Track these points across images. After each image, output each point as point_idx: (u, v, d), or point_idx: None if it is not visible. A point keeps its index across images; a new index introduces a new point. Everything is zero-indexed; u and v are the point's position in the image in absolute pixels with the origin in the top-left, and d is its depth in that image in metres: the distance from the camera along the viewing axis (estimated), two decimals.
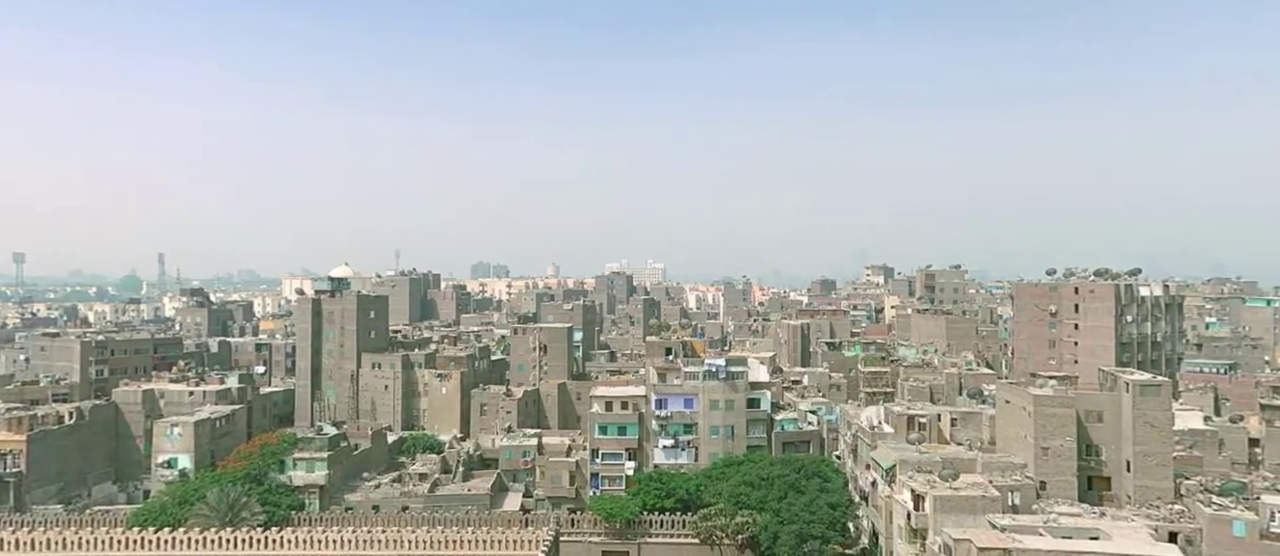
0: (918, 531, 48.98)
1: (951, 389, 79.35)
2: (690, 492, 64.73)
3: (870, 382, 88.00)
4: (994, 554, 39.83)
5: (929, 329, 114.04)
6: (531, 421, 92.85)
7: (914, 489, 50.12)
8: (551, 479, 74.07)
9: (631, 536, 63.56)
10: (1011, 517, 45.88)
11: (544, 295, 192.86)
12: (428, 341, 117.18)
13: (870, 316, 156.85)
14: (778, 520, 58.29)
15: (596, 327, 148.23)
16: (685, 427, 73.85)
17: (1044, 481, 55.41)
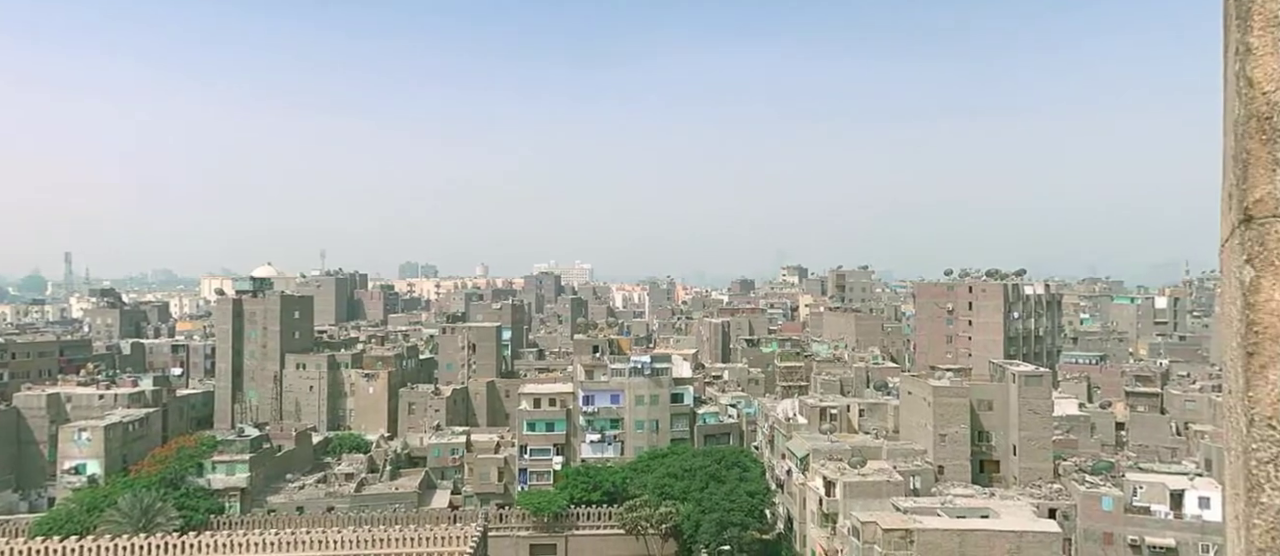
0: (829, 515, 51.01)
1: (860, 382, 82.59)
2: (616, 485, 65.37)
3: (786, 377, 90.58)
4: (897, 534, 41.98)
5: (840, 326, 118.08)
6: (460, 419, 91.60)
7: (826, 476, 52.17)
8: (480, 475, 73.36)
9: (559, 529, 63.68)
10: (913, 500, 48.41)
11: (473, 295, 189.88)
12: (355, 341, 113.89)
13: (786, 314, 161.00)
14: (700, 509, 59.53)
15: (525, 326, 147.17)
16: (612, 422, 74.40)
17: (942, 466, 58.58)
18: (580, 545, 63.42)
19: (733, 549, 58.13)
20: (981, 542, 40.97)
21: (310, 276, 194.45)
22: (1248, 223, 1.06)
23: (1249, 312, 1.06)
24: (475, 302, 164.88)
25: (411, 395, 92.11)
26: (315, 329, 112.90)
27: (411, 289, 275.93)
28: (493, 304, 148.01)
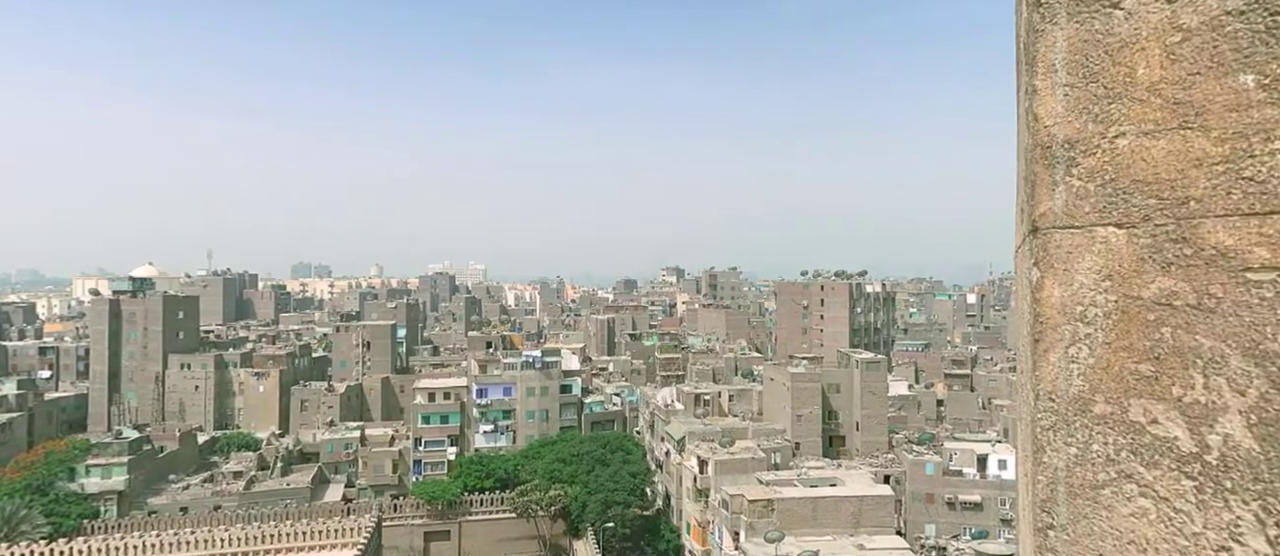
0: (702, 491, 52.59)
1: (730, 370, 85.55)
2: (509, 472, 64.40)
3: (665, 367, 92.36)
4: (761, 504, 43.90)
5: (712, 321, 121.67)
6: (355, 415, 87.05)
7: (699, 455, 53.75)
8: (374, 468, 70.10)
9: (453, 516, 61.94)
10: (774, 474, 50.75)
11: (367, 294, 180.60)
12: (244, 341, 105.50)
13: (665, 311, 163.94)
14: (586, 490, 59.73)
15: (420, 325, 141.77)
16: (504, 413, 73.23)
17: (798, 442, 61.83)
18: (473, 529, 61.96)
19: (616, 525, 58.76)
20: (830, 507, 43.65)
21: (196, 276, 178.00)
22: (1035, 233, 1.18)
23: (1036, 306, 1.17)
24: (370, 302, 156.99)
25: (304, 392, 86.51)
26: (202, 329, 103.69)
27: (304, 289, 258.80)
28: (388, 303, 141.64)
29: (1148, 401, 1.04)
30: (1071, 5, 1.16)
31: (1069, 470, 1.17)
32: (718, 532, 47.69)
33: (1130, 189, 1.07)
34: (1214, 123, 0.97)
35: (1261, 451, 0.90)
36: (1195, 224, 0.99)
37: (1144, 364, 1.05)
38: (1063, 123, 1.18)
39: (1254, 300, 0.93)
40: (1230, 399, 0.94)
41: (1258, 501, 0.90)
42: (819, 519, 42.85)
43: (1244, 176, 0.93)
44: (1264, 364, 0.91)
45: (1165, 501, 1.02)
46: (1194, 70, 0.99)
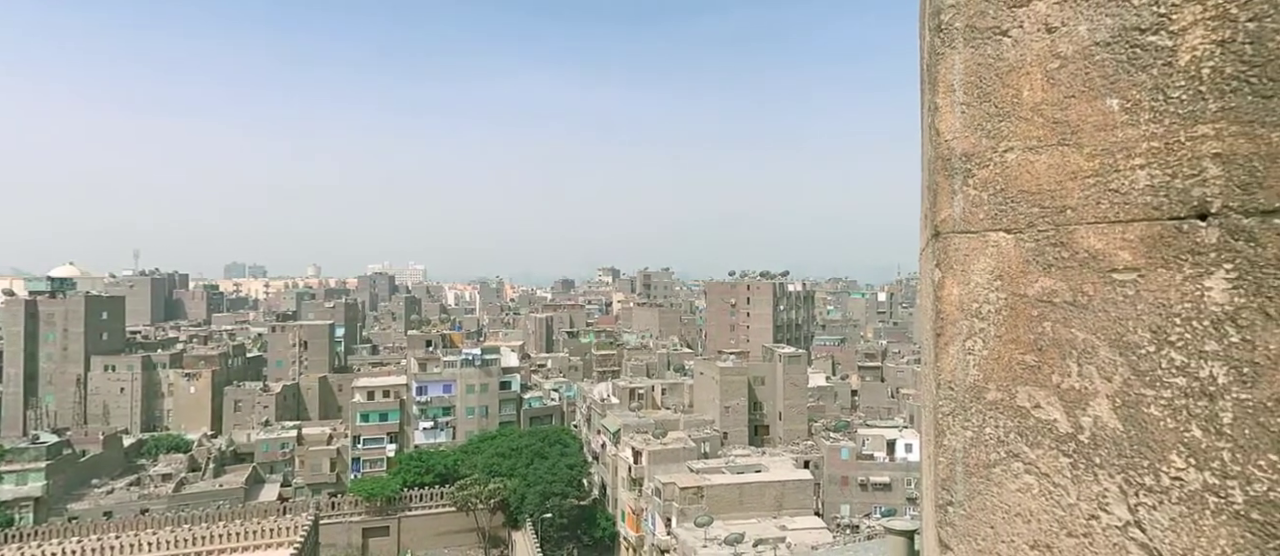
0: (636, 480, 52.80)
1: (663, 365, 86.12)
2: (448, 467, 62.91)
3: (601, 363, 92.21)
4: (691, 491, 44.43)
5: (646, 319, 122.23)
6: (291, 415, 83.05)
7: (634, 446, 53.94)
8: (311, 467, 67.11)
9: (392, 512, 59.98)
10: (704, 462, 51.43)
11: (305, 294, 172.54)
12: (173, 341, 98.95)
13: (602, 309, 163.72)
14: (525, 483, 59.03)
15: (359, 324, 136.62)
16: (444, 410, 71.48)
17: (726, 432, 62.92)
18: (413, 524, 60.17)
19: (554, 515, 58.30)
20: (755, 492, 44.60)
21: (122, 276, 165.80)
22: (937, 237, 1.24)
23: (937, 304, 1.23)
24: (307, 302, 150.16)
25: (238, 393, 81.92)
26: (128, 330, 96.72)
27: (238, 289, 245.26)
28: (326, 303, 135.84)
29: (1032, 388, 1.11)
30: (967, 32, 1.22)
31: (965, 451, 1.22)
32: (651, 519, 47.99)
33: (1017, 198, 1.14)
34: (1086, 140, 1.04)
35: (1124, 431, 0.97)
36: (1071, 230, 1.05)
37: (1029, 355, 1.12)
38: (960, 138, 1.23)
39: (1119, 298, 0.99)
40: (1099, 385, 1.00)
41: (1121, 474, 0.97)
42: (745, 503, 43.72)
43: (1110, 188, 1.00)
44: (1127, 353, 0.97)
45: (1046, 477, 1.08)
46: (1070, 93, 1.06)
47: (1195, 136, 0.92)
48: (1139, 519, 0.97)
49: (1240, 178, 0.88)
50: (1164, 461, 0.94)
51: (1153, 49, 0.96)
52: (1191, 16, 0.92)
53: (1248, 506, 0.86)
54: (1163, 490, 0.94)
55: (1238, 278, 0.88)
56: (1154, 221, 0.96)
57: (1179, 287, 0.94)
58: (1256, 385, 0.86)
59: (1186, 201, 0.93)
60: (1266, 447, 0.85)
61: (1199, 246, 0.92)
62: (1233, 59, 0.89)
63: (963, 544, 1.23)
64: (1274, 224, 0.85)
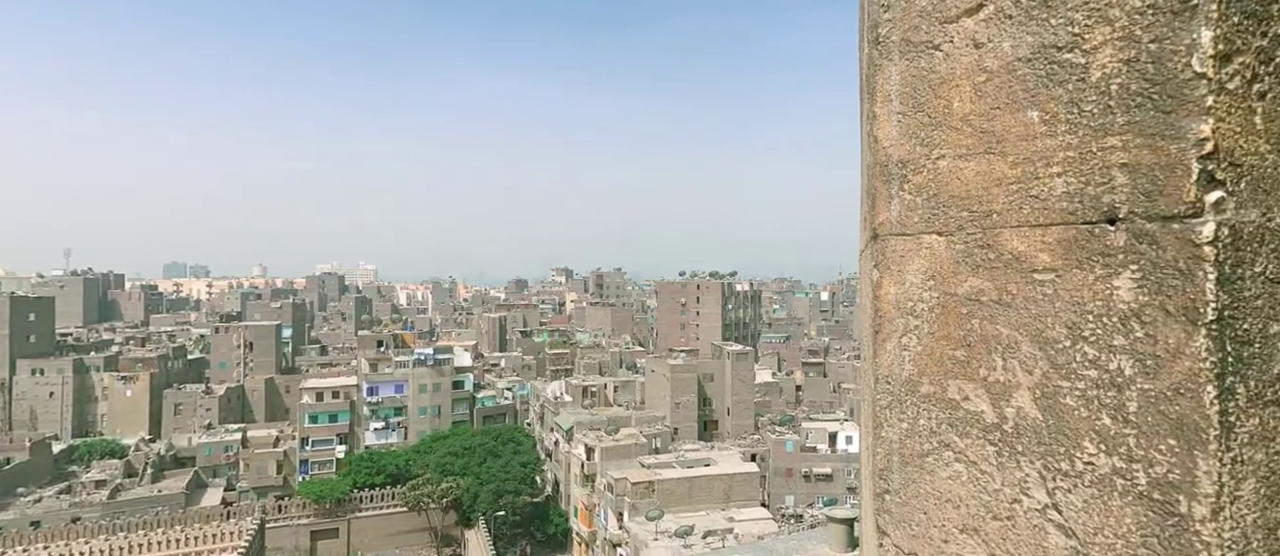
0: (589, 476, 52.63)
1: (615, 363, 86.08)
2: (400, 467, 61.35)
3: (555, 362, 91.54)
4: (642, 486, 44.54)
5: (599, 318, 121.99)
6: (236, 417, 79.43)
7: (586, 443, 53.74)
8: (257, 470, 64.39)
9: (342, 513, 58.11)
10: (655, 457, 51.61)
11: (250, 294, 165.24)
12: (108, 343, 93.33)
13: (555, 309, 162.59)
14: (478, 481, 58.13)
15: (307, 325, 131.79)
16: (396, 410, 69.68)
17: (677, 427, 63.35)
18: (363, 525, 58.42)
19: (507, 513, 57.58)
20: (705, 485, 45.04)
21: (51, 276, 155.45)
22: (875, 239, 1.28)
23: (876, 303, 1.28)
24: (253, 302, 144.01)
25: (178, 396, 77.83)
26: (58, 332, 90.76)
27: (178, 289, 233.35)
28: (272, 303, 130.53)
29: (961, 381, 1.15)
30: (903, 45, 1.26)
31: (901, 442, 1.25)
32: (603, 514, 47.92)
33: (948, 203, 1.18)
34: (1010, 150, 1.09)
35: (1044, 420, 1.02)
36: (996, 233, 1.10)
37: (958, 350, 1.16)
38: (897, 145, 1.27)
39: (1039, 296, 1.04)
40: (1021, 377, 1.05)
41: (1040, 460, 1.03)
42: (695, 496, 44.11)
43: (1031, 195, 1.05)
44: (1046, 348, 1.02)
45: (973, 464, 1.13)
46: (995, 105, 1.11)
47: (1105, 147, 0.98)
48: (1056, 502, 1.02)
49: (1144, 186, 0.94)
50: (1078, 448, 0.99)
51: (1068, 66, 1.02)
52: (1101, 37, 0.98)
53: (1150, 487, 0.92)
54: (1077, 474, 0.99)
55: (1142, 278, 0.94)
56: (1069, 225, 1.01)
57: (1091, 287, 0.99)
58: (1157, 376, 0.92)
59: (1098, 207, 0.98)
60: (1166, 433, 0.91)
61: (1108, 249, 0.97)
62: (1137, 77, 0.95)
63: (898, 529, 1.26)
64: (1173, 229, 0.91)
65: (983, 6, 1.14)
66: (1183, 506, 0.89)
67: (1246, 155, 0.91)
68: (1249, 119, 0.91)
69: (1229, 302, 0.89)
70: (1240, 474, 0.89)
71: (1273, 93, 0.92)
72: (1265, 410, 0.91)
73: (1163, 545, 0.90)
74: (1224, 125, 0.90)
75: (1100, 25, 0.98)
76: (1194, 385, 0.89)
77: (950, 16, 1.18)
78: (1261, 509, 0.89)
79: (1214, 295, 0.89)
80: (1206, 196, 0.90)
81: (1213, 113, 0.89)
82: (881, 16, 1.30)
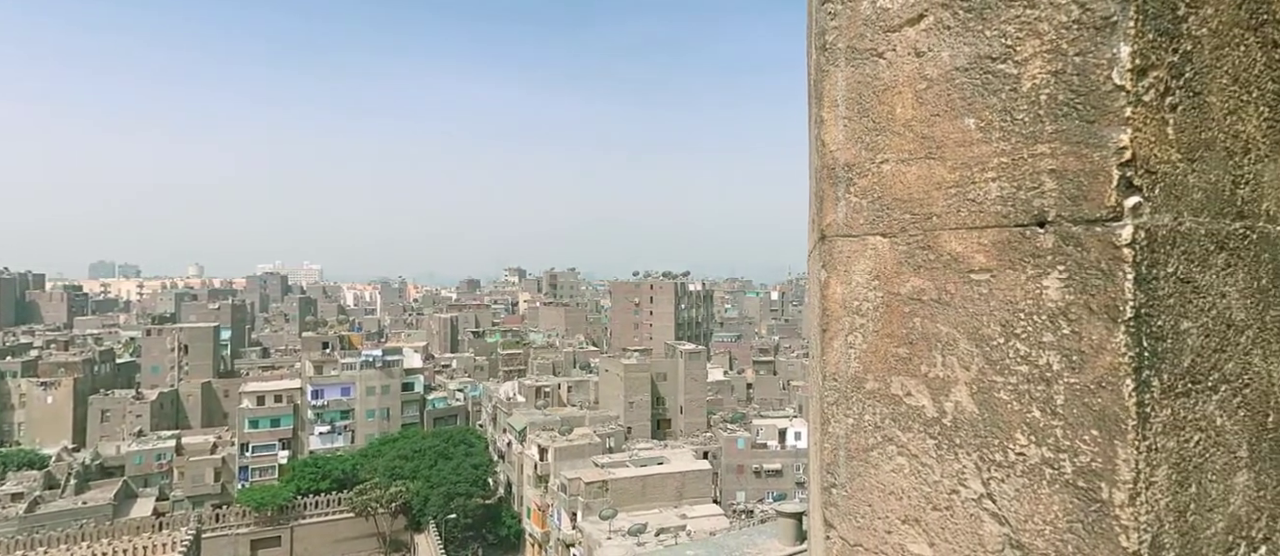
0: (542, 477, 52.19)
1: (569, 363, 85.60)
2: (347, 471, 59.48)
3: (507, 363, 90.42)
4: (596, 485, 44.45)
5: (552, 318, 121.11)
6: (170, 423, 75.44)
7: (540, 444, 53.28)
8: (193, 478, 61.35)
9: (284, 521, 55.95)
10: (608, 457, 51.59)
11: (185, 295, 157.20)
12: (26, 347, 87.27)
13: (508, 309, 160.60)
14: (428, 485, 56.92)
15: (248, 326, 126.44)
16: (342, 414, 67.53)
17: (630, 426, 63.47)
18: (307, 533, 56.37)
19: (459, 516, 56.56)
20: (658, 484, 45.28)
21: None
22: (823, 240, 1.31)
23: (823, 302, 1.31)
24: (188, 303, 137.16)
25: (105, 402, 73.40)
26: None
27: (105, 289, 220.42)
28: (210, 304, 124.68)
29: (904, 378, 1.18)
30: (848, 52, 1.29)
31: (847, 437, 1.28)
32: (557, 514, 47.60)
33: (892, 205, 1.21)
34: (948, 155, 1.13)
35: (979, 413, 1.07)
36: (936, 235, 1.14)
37: (901, 347, 1.19)
38: (843, 149, 1.30)
39: (975, 295, 1.09)
40: (959, 373, 1.10)
41: (976, 452, 1.07)
42: (648, 494, 44.29)
43: (968, 198, 1.10)
44: (982, 345, 1.07)
45: (915, 457, 1.16)
46: (935, 112, 1.15)
47: (1035, 154, 1.04)
48: (990, 491, 1.07)
49: (1070, 191, 1.00)
50: (1010, 440, 1.05)
51: (1001, 75, 1.07)
52: (1031, 49, 1.04)
53: (1075, 475, 0.98)
54: (1009, 465, 1.05)
55: (1068, 278, 1.00)
56: (1003, 228, 1.07)
57: (1023, 287, 1.04)
58: (1082, 370, 0.98)
59: (1028, 211, 1.04)
60: (1089, 424, 0.97)
61: (1038, 250, 1.03)
62: (1064, 88, 1.01)
63: (845, 522, 1.29)
64: (1096, 232, 0.97)
65: (923, 17, 1.17)
66: (1104, 492, 0.95)
67: (1160, 163, 0.97)
68: (1162, 130, 0.98)
69: (1145, 301, 0.95)
70: (1155, 461, 0.95)
71: (1182, 105, 1.00)
72: (1176, 401, 0.98)
73: (1086, 529, 0.96)
74: (1141, 135, 0.96)
75: (1030, 38, 1.04)
76: (1114, 378, 0.95)
77: (893, 25, 1.21)
78: (1173, 493, 0.96)
79: (1132, 294, 0.94)
80: (1125, 201, 0.95)
81: (1131, 123, 0.95)
82: (828, 23, 1.33)
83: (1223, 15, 1.04)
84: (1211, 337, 1.03)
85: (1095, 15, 0.97)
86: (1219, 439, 1.04)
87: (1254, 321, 1.10)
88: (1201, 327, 1.02)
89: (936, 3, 1.16)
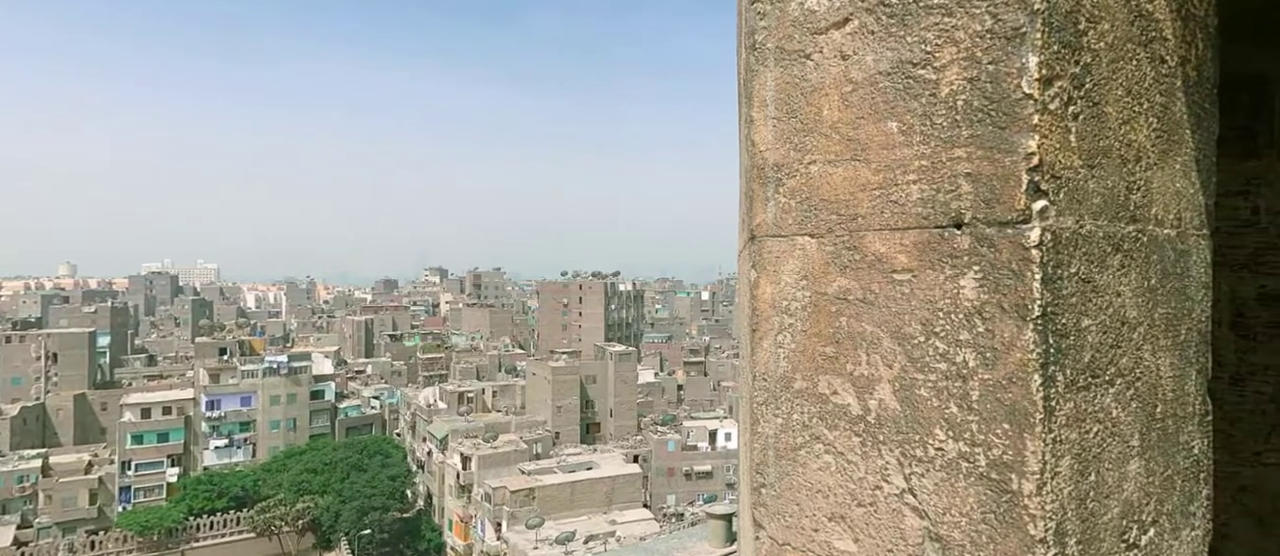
0: (465, 486, 51.07)
1: (494, 367, 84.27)
2: (247, 488, 56.16)
3: (428, 367, 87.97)
4: (522, 493, 43.93)
5: (476, 319, 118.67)
6: (35, 441, 68.77)
7: (463, 452, 52.12)
8: (63, 502, 56.22)
9: (174, 545, 52.19)
10: (536, 463, 51.11)
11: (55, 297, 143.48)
12: None
13: (428, 310, 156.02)
14: (340, 499, 54.57)
15: (131, 332, 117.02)
16: (242, 425, 63.65)
17: (558, 432, 63.07)
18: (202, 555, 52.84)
19: (374, 531, 54.47)
20: (587, 490, 45.20)
21: None
22: (753, 240, 1.35)
23: (753, 302, 1.34)
24: (58, 306, 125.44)
25: None
26: None
27: None
28: (84, 307, 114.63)
29: (830, 376, 1.22)
30: (777, 52, 1.32)
31: (776, 437, 1.31)
32: (480, 525, 46.67)
33: (819, 206, 1.24)
34: (873, 157, 1.18)
35: (902, 410, 1.13)
36: (861, 235, 1.19)
37: (828, 347, 1.22)
38: (773, 149, 1.33)
39: (898, 295, 1.14)
40: (883, 371, 1.15)
41: (898, 448, 1.13)
42: (577, 501, 44.13)
43: (891, 200, 1.15)
44: (904, 343, 1.13)
45: (841, 455, 1.20)
46: (860, 115, 1.19)
47: (953, 158, 1.10)
48: (912, 486, 1.12)
49: (985, 194, 1.07)
50: (930, 435, 1.10)
51: (921, 81, 1.13)
52: (949, 56, 1.10)
53: (989, 468, 1.05)
54: (929, 459, 1.10)
55: (982, 277, 1.07)
56: (924, 229, 1.12)
57: (942, 287, 1.10)
58: (995, 367, 1.05)
59: (947, 213, 1.10)
60: (1001, 418, 1.04)
61: (955, 251, 1.09)
62: (978, 95, 1.07)
63: (773, 522, 1.33)
64: (1007, 234, 1.05)
65: (849, 21, 1.20)
66: (1014, 484, 1.02)
67: (1064, 169, 1.06)
68: (1066, 137, 1.06)
69: (1051, 300, 1.03)
70: (1059, 452, 1.03)
71: (1084, 114, 1.09)
72: (1078, 395, 1.06)
73: (998, 519, 1.04)
74: (1047, 141, 1.03)
75: (948, 45, 1.10)
76: (1024, 374, 1.02)
77: (820, 28, 1.25)
78: (1074, 482, 1.05)
79: (1040, 293, 1.02)
80: (1033, 204, 1.03)
81: (1038, 130, 1.03)
82: (758, 23, 1.36)
83: (1117, 31, 1.13)
84: (1108, 334, 1.11)
85: (1006, 25, 1.04)
86: (1115, 429, 1.12)
87: (1145, 319, 1.19)
88: (1100, 325, 1.10)
89: (861, 7, 1.19)
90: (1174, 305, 1.27)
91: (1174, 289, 1.27)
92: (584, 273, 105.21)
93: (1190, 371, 1.32)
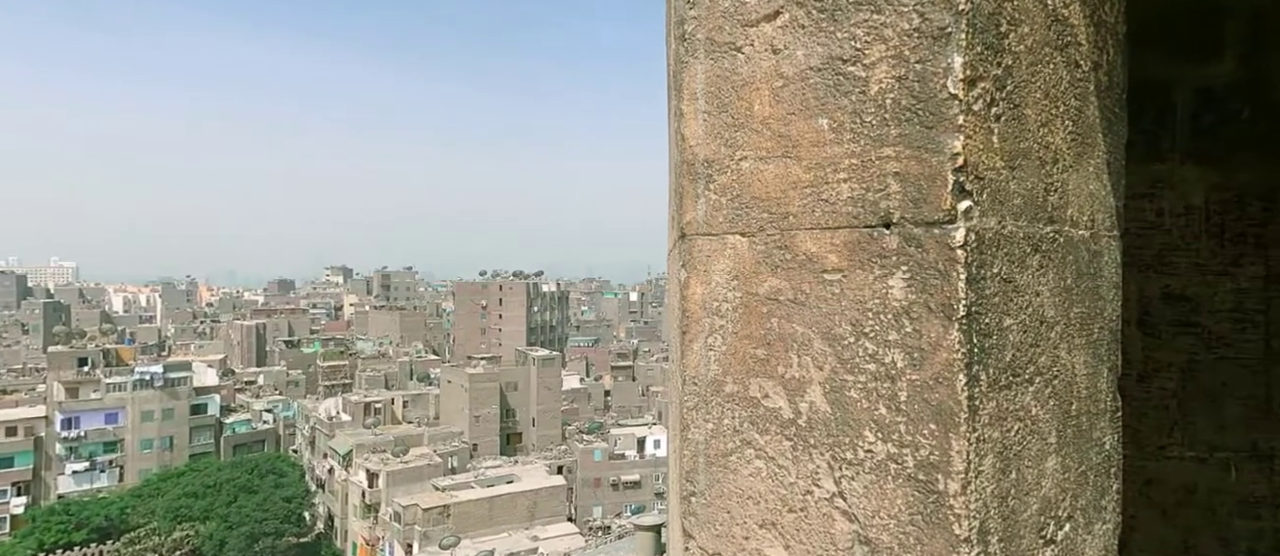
0: (372, 505, 49.34)
1: (404, 375, 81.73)
2: (113, 518, 52.20)
3: (330, 376, 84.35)
4: (436, 511, 42.88)
5: (385, 323, 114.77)
6: None
7: (369, 468, 50.33)
8: None
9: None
10: (451, 478, 49.98)
11: None
12: None
13: (330, 314, 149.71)
14: (226, 525, 51.61)
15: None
16: (107, 446, 59.07)
17: (476, 443, 61.89)
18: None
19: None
20: (506, 504, 44.57)
21: None
22: (683, 238, 1.36)
23: (683, 303, 1.35)
24: None
25: None
26: None
27: None
28: None
29: (762, 379, 1.23)
30: (707, 44, 1.33)
31: (707, 443, 1.33)
32: (389, 547, 45.21)
33: (750, 204, 1.26)
34: (804, 155, 1.20)
35: (832, 413, 1.16)
36: (792, 234, 1.21)
37: (759, 349, 1.24)
38: (703, 144, 1.35)
39: (828, 295, 1.17)
40: (814, 373, 1.17)
41: (829, 452, 1.16)
42: (496, 518, 43.46)
43: (822, 198, 1.18)
44: (834, 344, 1.16)
45: (772, 460, 1.22)
46: (791, 111, 1.21)
47: (882, 157, 1.13)
48: (842, 489, 1.14)
49: (912, 194, 1.10)
50: (860, 437, 1.13)
51: (852, 78, 1.15)
52: (878, 54, 1.13)
53: (916, 469, 1.09)
54: (858, 462, 1.13)
55: (910, 277, 1.10)
56: (854, 229, 1.15)
57: (871, 287, 1.13)
58: (923, 367, 1.09)
59: (876, 212, 1.13)
60: (928, 418, 1.08)
61: (884, 251, 1.12)
62: (906, 93, 1.11)
63: (703, 531, 1.35)
64: (934, 233, 1.09)
65: (780, 14, 1.23)
66: (940, 484, 1.07)
67: (987, 170, 1.11)
68: (989, 138, 1.11)
69: (975, 300, 1.08)
70: (983, 451, 1.08)
71: (1005, 116, 1.13)
72: (1001, 394, 1.11)
73: (925, 519, 1.08)
74: (971, 142, 1.08)
75: (877, 43, 1.13)
76: (949, 374, 1.07)
77: (751, 21, 1.27)
78: (996, 480, 1.10)
79: (964, 293, 1.07)
80: (959, 205, 1.07)
81: (963, 130, 1.07)
82: (687, 13, 1.38)
83: (1036, 35, 1.18)
84: (1028, 333, 1.16)
85: (933, 25, 1.08)
86: (1034, 427, 1.18)
87: (1061, 318, 1.27)
88: (1021, 324, 1.15)
89: (792, 0, 1.22)
90: (1088, 304, 1.36)
91: (1088, 289, 1.36)
92: (505, 272, 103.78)
93: (1103, 369, 1.42)
